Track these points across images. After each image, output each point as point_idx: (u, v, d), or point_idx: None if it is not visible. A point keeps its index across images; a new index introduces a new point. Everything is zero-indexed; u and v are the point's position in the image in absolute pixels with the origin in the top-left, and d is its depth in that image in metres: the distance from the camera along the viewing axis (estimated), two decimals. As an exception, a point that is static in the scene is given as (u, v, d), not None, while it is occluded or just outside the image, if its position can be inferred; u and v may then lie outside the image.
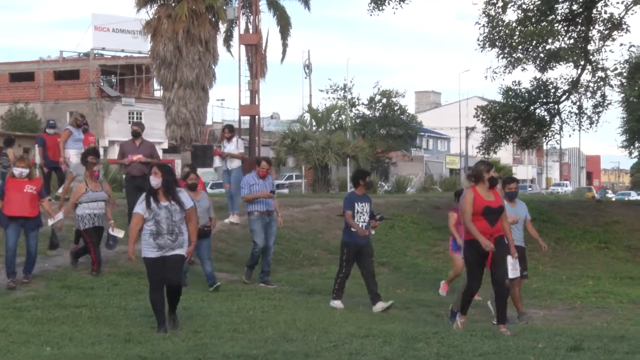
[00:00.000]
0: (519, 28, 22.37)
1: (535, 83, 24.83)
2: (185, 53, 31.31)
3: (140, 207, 8.50)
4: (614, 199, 39.66)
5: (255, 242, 12.42)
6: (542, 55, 23.57)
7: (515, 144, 28.09)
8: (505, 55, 23.35)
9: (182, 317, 9.17)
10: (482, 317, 10.44)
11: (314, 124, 45.18)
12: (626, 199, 49.68)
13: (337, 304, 10.77)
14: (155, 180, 8.45)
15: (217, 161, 16.52)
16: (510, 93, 24.75)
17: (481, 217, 8.36)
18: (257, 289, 11.97)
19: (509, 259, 8.63)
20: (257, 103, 35.06)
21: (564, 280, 15.26)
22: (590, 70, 24.25)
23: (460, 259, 10.64)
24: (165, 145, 47.00)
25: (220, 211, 16.79)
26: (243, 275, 12.63)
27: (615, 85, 25.46)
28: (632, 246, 19.55)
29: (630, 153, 42.10)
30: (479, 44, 23.40)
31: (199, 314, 9.49)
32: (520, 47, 22.92)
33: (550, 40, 23.27)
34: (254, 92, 34.94)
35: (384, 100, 61.09)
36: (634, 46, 24.67)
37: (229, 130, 16.37)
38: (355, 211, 10.88)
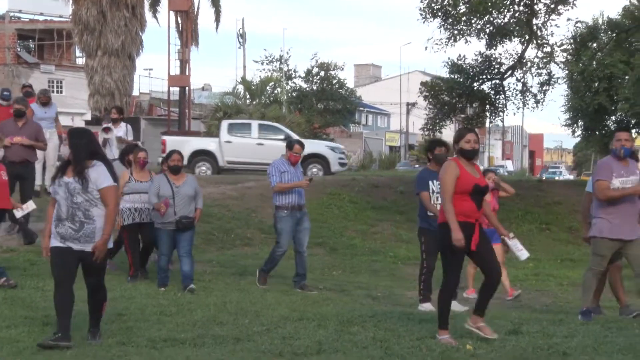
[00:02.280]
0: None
1: (479, 58, 25.16)
2: (110, 18, 30.75)
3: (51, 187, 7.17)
4: (544, 178, 40.55)
5: (280, 242, 10.98)
6: (486, 28, 23.86)
7: (459, 123, 28.44)
8: (448, 27, 23.55)
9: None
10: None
11: (248, 96, 44.93)
12: (556, 178, 50.83)
13: (426, 306, 9.46)
14: (64, 148, 7.86)
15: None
16: (454, 68, 25.03)
17: (468, 198, 7.10)
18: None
19: (508, 240, 7.90)
20: (187, 73, 34.74)
21: (504, 262, 15.56)
22: (535, 45, 24.68)
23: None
24: (89, 117, 46.20)
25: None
26: (256, 280, 11.13)
27: (560, 61, 26.01)
28: (574, 227, 20.03)
29: (574, 132, 43.03)
30: (420, 14, 23.54)
31: (123, 296, 9.42)
32: (464, 18, 23.15)
33: (495, 13, 23.57)
34: (184, 61, 34.61)
35: (322, 73, 61.06)
36: (580, 22, 25.22)
37: (118, 112, 15.07)
38: (431, 191, 9.49)
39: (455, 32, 23.61)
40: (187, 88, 35.27)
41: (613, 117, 41.64)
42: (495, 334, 7.13)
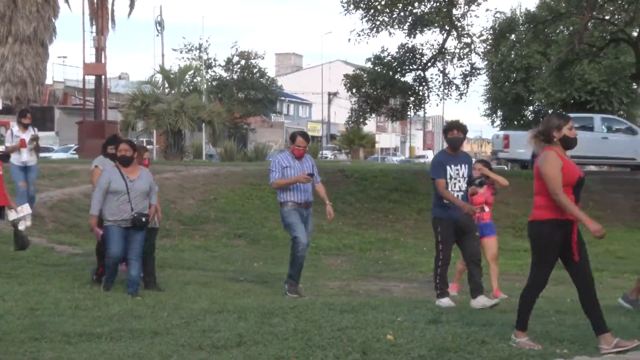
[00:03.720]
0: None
1: (402, 50, 25.44)
2: (21, 4, 30.06)
3: None
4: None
5: (297, 236, 9.94)
6: (407, 19, 24.14)
7: (385, 116, 28.71)
8: (370, 18, 23.76)
9: (18, 293, 8.90)
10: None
11: (167, 85, 44.42)
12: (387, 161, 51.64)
13: (444, 302, 8.90)
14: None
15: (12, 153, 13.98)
16: (377, 61, 25.26)
17: (570, 191, 6.47)
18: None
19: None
20: (103, 61, 34.07)
21: (425, 252, 15.76)
22: (455, 35, 25.05)
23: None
24: (-1, 106, 45.03)
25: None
26: (286, 291, 10.07)
27: (480, 52, 26.49)
28: (493, 217, 20.38)
29: (493, 122, 44.03)
30: (343, 6, 23.70)
31: (37, 290, 9.22)
32: (386, 9, 23.39)
33: (416, 4, 23.86)
34: (99, 49, 33.92)
35: (242, 62, 60.81)
36: (499, 12, 25.73)
37: (29, 116, 14.25)
38: (448, 176, 8.83)
39: (377, 22, 23.85)
40: (103, 76, 34.63)
41: (531, 107, 42.80)
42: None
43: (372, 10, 23.46)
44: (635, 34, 24.78)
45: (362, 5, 23.52)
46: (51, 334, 7.00)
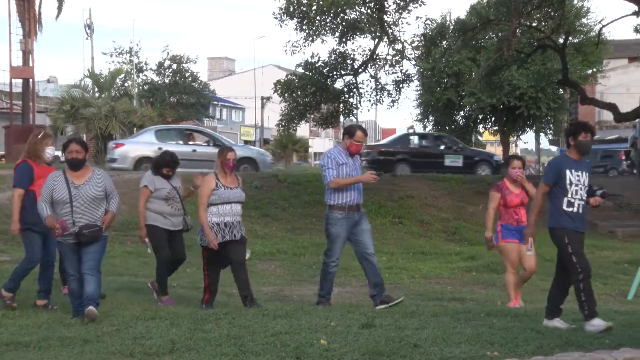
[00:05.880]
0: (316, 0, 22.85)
1: (333, 55, 25.56)
2: (-54, 5, 29.23)
3: None
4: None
5: (332, 250, 9.34)
6: (340, 26, 24.28)
7: (315, 122, 28.84)
8: (304, 28, 23.85)
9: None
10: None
11: (97, 89, 43.79)
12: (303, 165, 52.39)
13: (597, 324, 7.53)
14: None
15: None
16: (308, 67, 25.34)
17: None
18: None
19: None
20: (31, 65, 33.47)
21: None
22: (387, 42, 25.27)
23: (531, 253, 9.22)
24: None
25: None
26: (319, 304, 9.33)
27: (412, 58, 26.78)
28: (425, 221, 20.67)
29: (425, 127, 44.50)
30: (276, 17, 23.75)
31: (-38, 299, 8.99)
32: (318, 17, 23.48)
33: (348, 11, 24.00)
34: (27, 52, 33.31)
35: (174, 66, 60.26)
36: (429, 19, 26.05)
37: None
38: (568, 182, 7.78)
39: (311, 32, 23.95)
40: (30, 80, 34.00)
41: (462, 112, 43.39)
42: None
43: (305, 20, 23.53)
44: (561, 40, 25.34)
45: (295, 15, 23.58)
46: (-23, 343, 6.84)
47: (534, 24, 25.47)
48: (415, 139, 32.68)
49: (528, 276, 10.01)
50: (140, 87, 57.85)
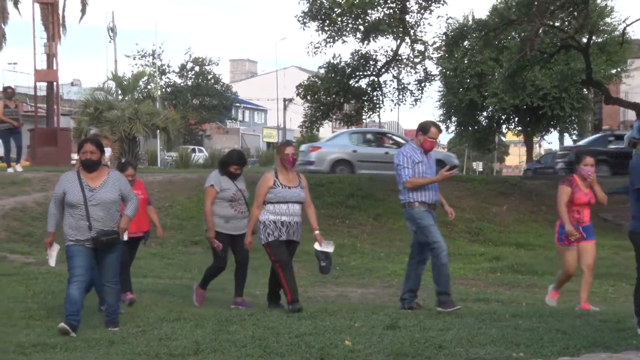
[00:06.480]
0: (338, 1, 22.85)
1: (356, 56, 25.54)
2: (-29, 10, 29.55)
3: None
4: None
5: (438, 241, 8.71)
6: (360, 26, 24.26)
7: (339, 121, 28.81)
8: (326, 29, 23.87)
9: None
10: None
11: (120, 92, 44.03)
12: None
13: None
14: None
15: None
16: (330, 68, 25.35)
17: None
18: (53, 271, 10.91)
19: None
20: (55, 68, 33.67)
21: (382, 258, 15.83)
22: (409, 42, 25.21)
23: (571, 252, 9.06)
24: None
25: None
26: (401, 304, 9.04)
27: (434, 58, 26.70)
28: (448, 221, 20.53)
29: (447, 127, 44.40)
30: (299, 20, 23.80)
31: (-11, 301, 9.08)
32: (340, 19, 23.50)
33: (369, 12, 23.98)
34: (51, 55, 33.53)
35: (197, 69, 60.61)
36: (451, 18, 25.95)
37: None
38: None
39: (333, 33, 23.97)
40: (54, 83, 34.23)
41: (485, 113, 43.24)
42: None
43: (327, 21, 23.56)
44: (584, 40, 25.16)
45: (318, 17, 23.61)
46: (4, 344, 6.90)
47: (557, 24, 25.31)
48: (612, 140, 30.39)
49: (564, 279, 9.47)
50: (163, 90, 58.18)
